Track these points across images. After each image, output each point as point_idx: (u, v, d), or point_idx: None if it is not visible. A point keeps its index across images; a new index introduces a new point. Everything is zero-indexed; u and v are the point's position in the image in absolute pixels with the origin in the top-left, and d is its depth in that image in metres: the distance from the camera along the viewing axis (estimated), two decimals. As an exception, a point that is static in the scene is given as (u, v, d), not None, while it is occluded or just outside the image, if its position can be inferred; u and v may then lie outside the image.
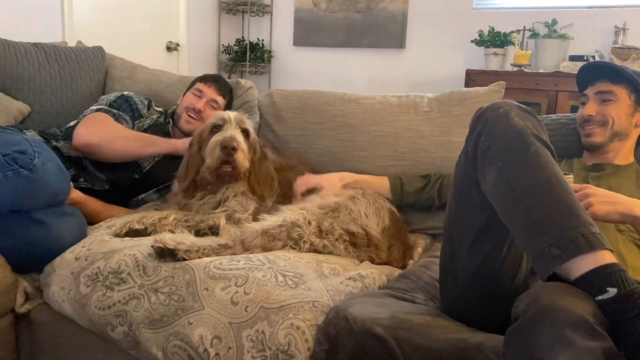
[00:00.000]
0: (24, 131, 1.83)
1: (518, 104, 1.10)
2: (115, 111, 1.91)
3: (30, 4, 2.87)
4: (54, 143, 1.85)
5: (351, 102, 1.98)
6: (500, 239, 1.10)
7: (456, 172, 1.16)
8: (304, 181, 1.72)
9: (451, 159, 1.76)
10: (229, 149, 1.54)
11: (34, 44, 2.21)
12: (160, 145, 1.81)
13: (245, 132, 1.65)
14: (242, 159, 1.58)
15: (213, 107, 2.06)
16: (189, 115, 2.00)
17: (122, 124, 1.90)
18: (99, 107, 1.94)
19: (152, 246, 1.30)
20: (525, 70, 3.32)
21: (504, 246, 1.10)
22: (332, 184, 1.69)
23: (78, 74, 2.29)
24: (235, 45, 4.55)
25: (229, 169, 1.57)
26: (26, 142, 1.49)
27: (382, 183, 1.75)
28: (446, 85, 3.71)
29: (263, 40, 4.52)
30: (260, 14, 4.53)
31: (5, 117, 1.98)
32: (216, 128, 1.62)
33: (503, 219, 1.02)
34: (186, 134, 2.01)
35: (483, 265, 1.12)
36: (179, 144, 1.80)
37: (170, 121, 2.06)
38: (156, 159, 1.94)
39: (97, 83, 2.37)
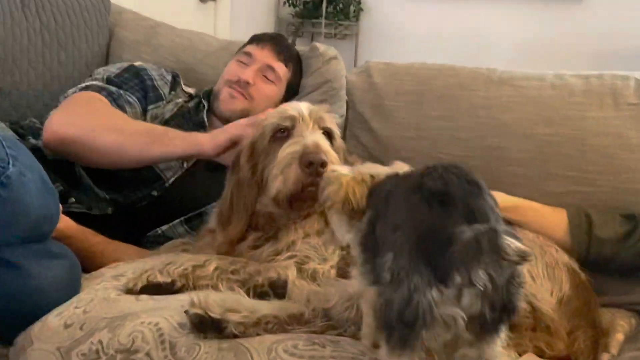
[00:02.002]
0: (-13, 123, 1.91)
1: None
2: (113, 89, 1.97)
3: None
4: (32, 141, 1.92)
5: (502, 84, 1.95)
6: None
7: None
8: None
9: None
10: (316, 165, 1.53)
11: (7, -13, 2.29)
12: (176, 142, 1.79)
13: (328, 135, 1.64)
14: None
15: (268, 79, 2.11)
16: (230, 89, 2.06)
17: (123, 109, 1.95)
18: (89, 83, 2.00)
19: (186, 312, 1.29)
20: None
21: None
22: None
23: (70, 35, 2.36)
24: (303, -8, 4.61)
25: (312, 190, 1.55)
26: (-6, 141, 1.53)
27: (556, 217, 1.72)
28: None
29: (348, -15, 4.55)
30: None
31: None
32: (281, 132, 1.62)
33: None
34: (227, 121, 2.02)
35: None
36: (206, 140, 1.76)
37: (206, 105, 2.11)
38: (185, 166, 1.97)
39: (98, 49, 2.44)
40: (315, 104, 1.86)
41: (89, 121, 1.84)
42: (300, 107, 1.63)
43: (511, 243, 0.85)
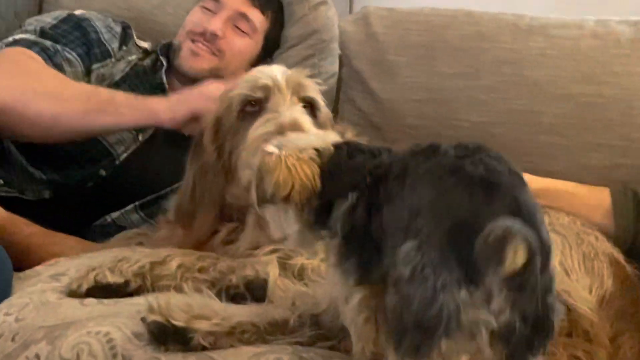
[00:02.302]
0: None
1: None
2: (48, 44, 1.96)
3: None
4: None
5: (532, 33, 1.96)
6: None
7: None
8: None
9: None
10: None
11: None
12: (124, 110, 1.79)
13: (310, 106, 1.64)
14: None
15: (241, 29, 2.10)
16: (193, 43, 2.05)
17: (61, 68, 1.94)
18: (18, 37, 1.99)
19: (142, 319, 1.29)
20: None
21: None
22: None
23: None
24: None
25: None
26: None
27: (595, 198, 1.73)
28: None
29: None
30: None
31: None
32: (252, 105, 1.62)
33: None
34: (193, 82, 2.01)
35: None
36: (162, 109, 1.77)
37: (164, 63, 2.11)
38: (139, 138, 1.98)
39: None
40: (301, 60, 1.87)
41: (19, 84, 1.82)
42: (274, 74, 1.62)
43: (513, 251, 0.85)
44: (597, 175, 1.81)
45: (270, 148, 1.18)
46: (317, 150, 1.16)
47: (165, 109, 1.75)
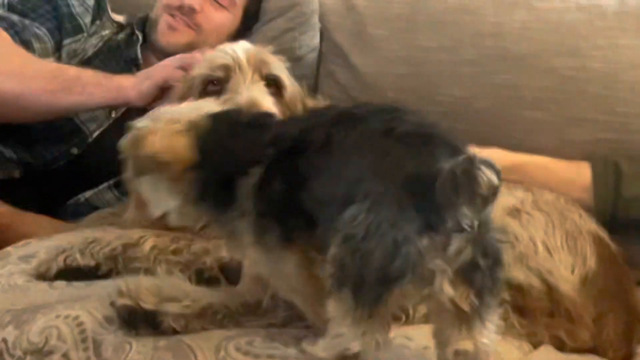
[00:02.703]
0: None
1: None
2: (16, 19, 1.94)
3: None
4: None
5: (516, 6, 1.94)
6: None
7: None
8: None
9: None
10: None
11: None
12: (91, 89, 1.78)
13: (275, 84, 1.64)
14: None
15: (219, 3, 2.08)
16: (171, 17, 2.03)
17: (30, 45, 1.93)
18: None
19: (112, 303, 1.29)
20: None
21: None
22: None
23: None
24: None
25: None
26: None
27: (572, 172, 1.74)
28: None
29: None
30: None
31: None
32: (214, 84, 1.61)
33: None
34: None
35: None
36: (130, 86, 1.76)
37: (140, 38, 2.09)
38: (112, 115, 1.97)
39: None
40: (280, 33, 1.86)
41: None
42: (236, 52, 1.61)
43: (485, 174, 0.86)
44: (580, 150, 1.81)
45: (140, 122, 1.20)
46: (192, 122, 1.17)
47: (132, 85, 1.74)
